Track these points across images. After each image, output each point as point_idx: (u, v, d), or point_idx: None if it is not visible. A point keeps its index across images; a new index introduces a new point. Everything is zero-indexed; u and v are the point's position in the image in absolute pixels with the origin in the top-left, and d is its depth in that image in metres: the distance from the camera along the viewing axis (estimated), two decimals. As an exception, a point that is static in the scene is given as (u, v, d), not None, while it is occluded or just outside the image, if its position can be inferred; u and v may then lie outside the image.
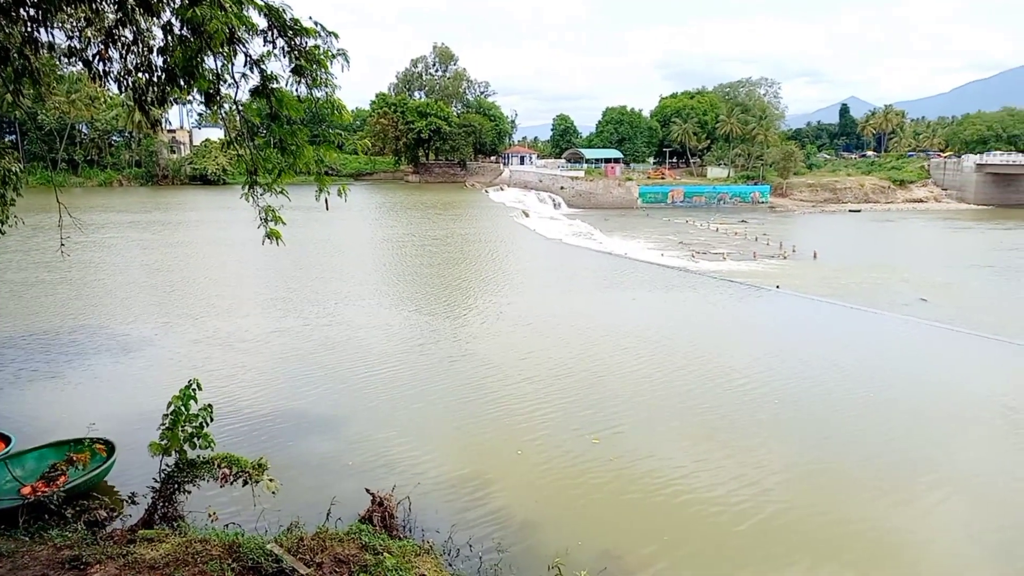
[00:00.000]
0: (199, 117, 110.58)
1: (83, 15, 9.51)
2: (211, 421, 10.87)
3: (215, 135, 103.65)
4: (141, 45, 9.36)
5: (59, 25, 9.59)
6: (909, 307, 31.73)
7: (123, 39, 9.36)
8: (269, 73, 9.13)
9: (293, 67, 9.00)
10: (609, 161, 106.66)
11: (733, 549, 12.19)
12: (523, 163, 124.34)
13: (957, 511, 13.64)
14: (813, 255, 48.24)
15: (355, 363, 22.07)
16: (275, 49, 9.03)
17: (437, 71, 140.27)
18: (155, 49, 9.40)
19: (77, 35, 9.76)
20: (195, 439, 10.61)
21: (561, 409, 18.24)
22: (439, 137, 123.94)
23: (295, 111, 9.06)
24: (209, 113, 11.80)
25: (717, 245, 54.57)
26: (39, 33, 9.25)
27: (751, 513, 13.26)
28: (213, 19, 7.82)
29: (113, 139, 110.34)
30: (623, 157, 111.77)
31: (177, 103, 12.23)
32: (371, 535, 10.30)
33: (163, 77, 9.39)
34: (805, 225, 73.80)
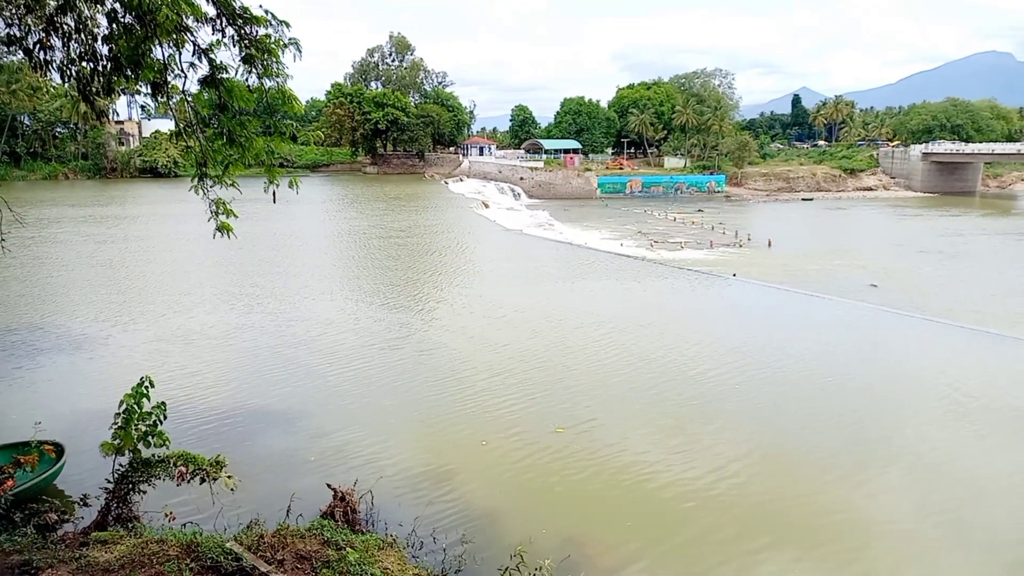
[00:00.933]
0: (142, 109, 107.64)
1: (23, 2, 9.16)
2: (165, 419, 10.64)
3: (165, 126, 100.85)
4: (85, 33, 9.06)
5: (-4, 12, 9.22)
6: (860, 293, 32.60)
7: (65, 27, 9.05)
8: (218, 63, 8.92)
9: (243, 56, 8.80)
10: (568, 152, 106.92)
11: (694, 532, 12.43)
12: (482, 154, 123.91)
13: (910, 490, 14.11)
14: (768, 243, 49.16)
15: (319, 358, 21.81)
16: (224, 38, 8.82)
17: (394, 61, 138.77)
18: (100, 37, 9.10)
19: (16, 23, 9.39)
20: (149, 438, 10.37)
21: (525, 400, 18.32)
22: (397, 128, 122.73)
23: (245, 101, 8.87)
24: (158, 104, 11.45)
25: (675, 234, 55.26)
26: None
27: (712, 497, 13.54)
28: (161, 6, 7.60)
29: (57, 131, 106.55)
30: (582, 147, 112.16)
31: (125, 93, 11.86)
32: (333, 530, 10.22)
33: (108, 67, 9.11)
34: (760, 214, 75.17)
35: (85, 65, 9.18)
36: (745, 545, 12.06)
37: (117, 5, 8.28)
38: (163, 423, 10.61)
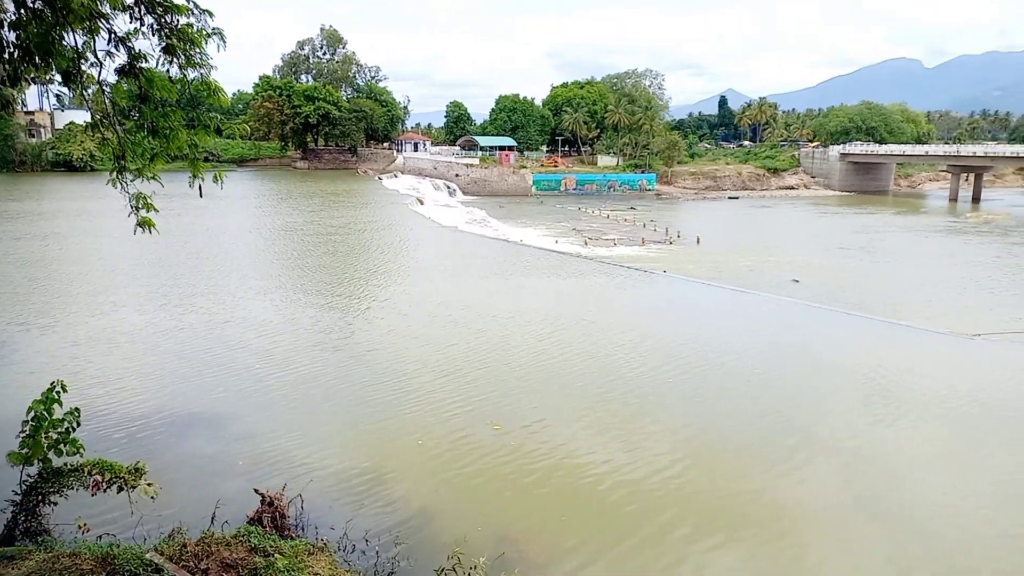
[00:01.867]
0: (57, 99, 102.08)
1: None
2: (79, 425, 10.08)
3: (81, 117, 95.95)
4: (-12, 19, 8.49)
5: None
6: (784, 288, 33.84)
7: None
8: (137, 52, 8.52)
9: (164, 46, 8.44)
10: (503, 149, 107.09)
11: (626, 523, 12.64)
12: (417, 150, 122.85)
13: (833, 475, 14.72)
14: (697, 240, 50.47)
15: (254, 360, 21.10)
16: (143, 26, 8.44)
17: (325, 54, 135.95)
18: (5, 23, 8.55)
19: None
20: (61, 446, 9.80)
21: (462, 398, 18.25)
22: (328, 122, 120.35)
23: (167, 92, 8.50)
24: (72, 95, 10.89)
25: (608, 231, 56.09)
26: None
27: (645, 489, 13.79)
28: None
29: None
30: (517, 145, 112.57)
31: (35, 83, 11.21)
32: (261, 536, 9.92)
33: (16, 54, 8.57)
34: (689, 211, 77.12)
35: (-11, 52, 8.61)
36: (677, 532, 12.37)
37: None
38: (77, 430, 10.06)
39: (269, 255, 42.17)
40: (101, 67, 8.52)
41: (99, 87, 8.79)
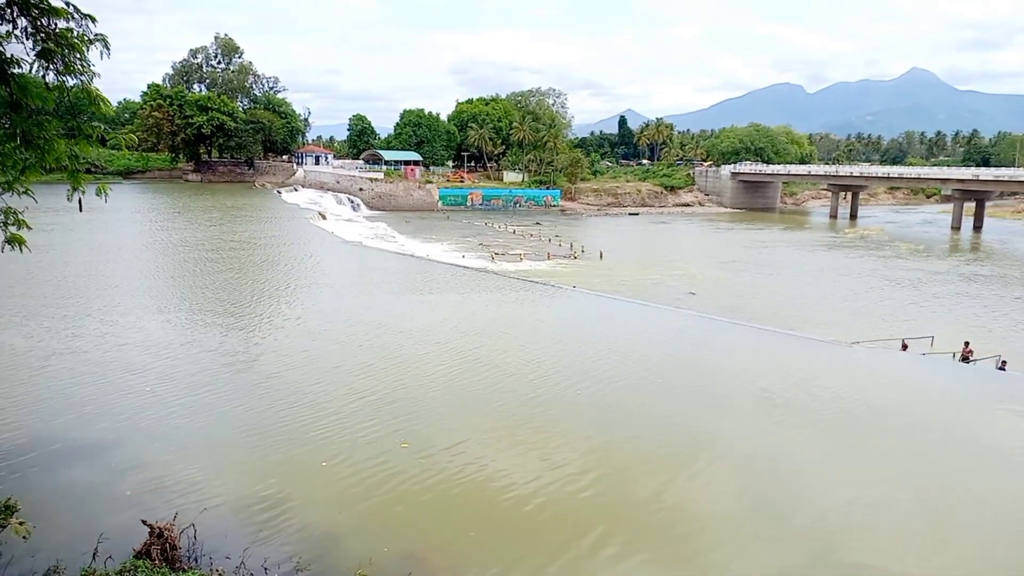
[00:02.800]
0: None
1: None
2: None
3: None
4: None
5: None
6: (681, 300, 35.24)
7: None
8: (8, 56, 7.97)
9: (39, 51, 7.93)
10: (409, 163, 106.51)
11: (535, 534, 12.70)
12: (319, 163, 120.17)
13: (731, 478, 15.34)
14: (600, 255, 51.85)
15: (150, 385, 19.71)
16: (16, 29, 7.91)
17: (220, 63, 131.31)
18: None
19: None
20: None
21: (375, 419, 17.81)
22: (223, 133, 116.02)
23: (43, 100, 7.97)
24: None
25: (515, 246, 56.72)
26: None
27: (554, 499, 13.90)
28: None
29: None
30: (423, 160, 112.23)
31: None
32: (149, 570, 9.35)
33: None
34: (592, 227, 79.13)
35: None
36: (586, 540, 12.52)
37: None
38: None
39: (167, 272, 40.02)
40: (-33, 71, 7.92)
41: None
